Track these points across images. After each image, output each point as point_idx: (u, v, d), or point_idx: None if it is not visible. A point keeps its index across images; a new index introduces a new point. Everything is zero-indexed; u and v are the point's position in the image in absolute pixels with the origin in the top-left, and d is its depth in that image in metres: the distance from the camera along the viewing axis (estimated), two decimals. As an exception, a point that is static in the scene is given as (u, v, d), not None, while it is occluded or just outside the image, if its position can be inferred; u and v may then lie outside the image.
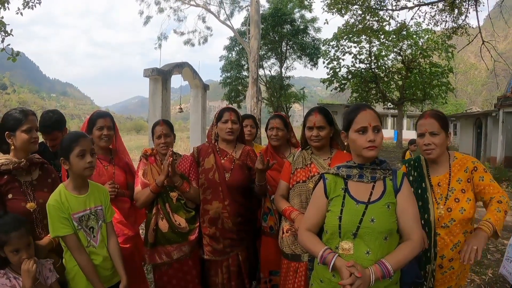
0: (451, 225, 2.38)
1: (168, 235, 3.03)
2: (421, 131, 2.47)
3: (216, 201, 3.07)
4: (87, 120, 3.08)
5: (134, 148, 21.80)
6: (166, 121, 3.27)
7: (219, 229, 3.05)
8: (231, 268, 3.11)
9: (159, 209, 3.07)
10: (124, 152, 3.33)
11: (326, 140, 2.79)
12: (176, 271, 3.08)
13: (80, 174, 2.39)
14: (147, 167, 3.16)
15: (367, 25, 15.02)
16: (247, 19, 22.62)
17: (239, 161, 3.14)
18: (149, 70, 10.05)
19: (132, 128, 62.32)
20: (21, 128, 2.38)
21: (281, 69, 30.00)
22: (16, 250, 2.13)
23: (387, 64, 25.05)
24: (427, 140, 2.42)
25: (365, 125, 1.98)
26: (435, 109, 2.72)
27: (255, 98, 16.74)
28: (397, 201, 1.98)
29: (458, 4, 12.10)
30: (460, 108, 43.29)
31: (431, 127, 2.42)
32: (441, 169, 2.51)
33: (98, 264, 2.41)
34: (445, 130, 2.44)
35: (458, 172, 2.46)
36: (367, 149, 1.98)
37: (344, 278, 1.78)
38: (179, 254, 3.05)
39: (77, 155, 2.34)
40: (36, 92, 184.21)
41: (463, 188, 2.41)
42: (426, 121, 2.45)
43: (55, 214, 2.27)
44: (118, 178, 3.07)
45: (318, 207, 2.12)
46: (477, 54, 12.48)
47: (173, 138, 3.24)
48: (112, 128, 3.08)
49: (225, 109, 3.20)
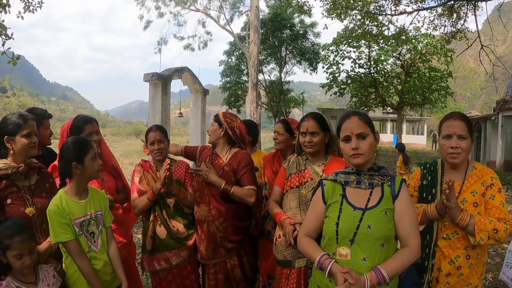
0: (453, 238, 2.24)
1: (167, 241, 3.03)
2: (448, 132, 2.28)
3: (203, 204, 3.07)
4: (69, 126, 2.98)
5: (134, 152, 21.78)
6: (160, 127, 3.22)
7: (205, 232, 3.04)
8: (218, 275, 3.07)
9: (156, 216, 3.06)
10: (110, 155, 3.28)
11: (320, 146, 2.79)
12: (175, 276, 3.07)
13: (93, 176, 2.47)
14: (142, 174, 3.15)
15: (366, 30, 15.08)
16: (247, 24, 22.65)
17: (227, 167, 3.11)
18: (149, 75, 10.05)
19: (131, 132, 62.27)
20: (21, 133, 2.37)
21: (281, 74, 29.99)
22: (19, 255, 2.13)
23: (386, 69, 25.04)
24: (455, 143, 2.23)
25: (348, 133, 2.03)
26: (460, 112, 2.55)
27: (255, 103, 16.74)
28: (395, 207, 1.98)
29: (457, 8, 12.15)
30: (459, 112, 43.25)
31: (460, 129, 2.24)
32: (457, 177, 2.33)
33: (99, 269, 2.42)
34: (471, 135, 2.28)
35: (475, 183, 2.28)
36: (352, 157, 2.02)
37: (338, 284, 1.79)
38: (178, 259, 3.04)
39: (91, 158, 2.39)
40: (36, 96, 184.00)
41: (475, 202, 2.24)
42: (455, 122, 2.27)
43: (56, 220, 2.28)
44: (107, 184, 3.02)
45: (316, 213, 2.14)
46: (476, 58, 12.52)
47: (167, 144, 3.20)
48: (99, 132, 3.05)
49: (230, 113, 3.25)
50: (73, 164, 2.34)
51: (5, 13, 8.02)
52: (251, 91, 16.98)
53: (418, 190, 2.48)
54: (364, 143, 2.00)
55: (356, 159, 2.01)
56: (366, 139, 2.01)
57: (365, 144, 2.00)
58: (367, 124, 2.04)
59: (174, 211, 3.08)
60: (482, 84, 53.69)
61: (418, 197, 2.47)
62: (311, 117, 2.80)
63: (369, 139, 2.02)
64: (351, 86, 24.95)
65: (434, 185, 2.39)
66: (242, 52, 24.71)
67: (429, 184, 2.42)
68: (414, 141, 38.26)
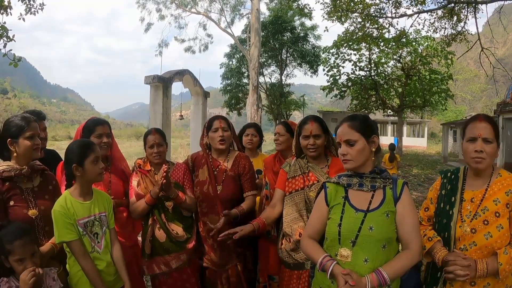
0: (470, 249, 2.04)
1: (166, 245, 3.01)
2: (472, 135, 2.09)
3: (212, 214, 3.05)
4: (82, 127, 3.01)
5: (134, 154, 21.71)
6: (159, 130, 3.19)
7: (216, 241, 2.97)
8: (231, 279, 3.09)
9: (155, 219, 3.04)
10: (121, 159, 3.27)
11: (322, 148, 2.81)
12: (175, 280, 3.06)
13: (94, 179, 2.47)
14: (140, 178, 3.12)
15: (367, 32, 15.05)
16: (248, 27, 22.70)
17: (231, 172, 3.10)
18: (150, 77, 10.08)
19: (132, 135, 62.07)
20: (24, 135, 2.38)
21: (281, 76, 30.04)
22: (21, 259, 2.12)
23: (386, 71, 25.04)
24: (480, 146, 2.05)
25: (338, 140, 2.12)
26: (486, 114, 2.34)
27: (255, 105, 16.78)
28: (397, 209, 2.00)
29: (457, 11, 12.15)
30: (460, 114, 43.33)
31: (486, 132, 2.06)
32: (480, 184, 2.16)
33: (102, 270, 2.43)
34: (497, 139, 2.10)
35: (498, 192, 2.08)
36: (342, 162, 2.12)
37: (339, 285, 1.80)
38: (177, 263, 3.02)
39: (92, 161, 2.40)
40: (37, 98, 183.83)
41: (497, 211, 2.03)
42: (481, 124, 2.09)
43: (61, 220, 2.30)
44: (114, 186, 3.03)
45: (319, 215, 2.16)
46: (476, 60, 12.54)
47: (165, 147, 3.17)
48: (110, 135, 3.04)
49: (214, 117, 3.17)
50: (73, 166, 2.37)
51: (7, 15, 8.03)
52: (251, 94, 17.03)
53: (436, 201, 2.30)
54: (352, 150, 2.05)
55: (345, 164, 2.10)
56: (355, 145, 2.05)
57: (352, 150, 2.05)
58: (356, 130, 2.07)
59: (172, 215, 3.05)
60: (482, 87, 53.67)
61: (436, 208, 2.29)
62: (314, 120, 2.81)
63: (358, 145, 2.05)
64: (351, 88, 24.95)
65: (454, 193, 2.21)
66: (242, 55, 24.77)
67: (447, 194, 2.24)
68: (415, 143, 38.26)
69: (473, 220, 2.07)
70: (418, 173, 17.29)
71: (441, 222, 2.21)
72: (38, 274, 2.11)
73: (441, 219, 2.23)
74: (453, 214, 2.14)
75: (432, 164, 22.13)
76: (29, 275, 2.06)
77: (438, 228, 2.24)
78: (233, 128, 3.22)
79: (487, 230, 2.02)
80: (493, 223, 2.02)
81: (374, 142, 2.11)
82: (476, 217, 2.06)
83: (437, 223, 2.26)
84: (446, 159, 24.79)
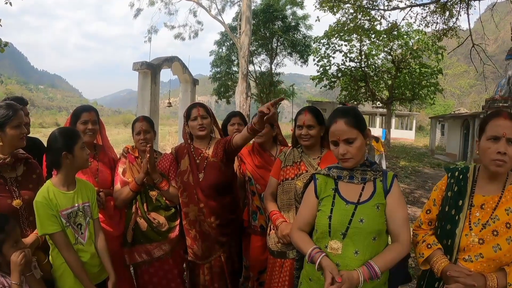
0: (475, 261, 1.84)
1: (148, 234, 3.00)
2: (496, 133, 1.82)
3: (192, 204, 3.02)
4: (71, 115, 2.99)
5: (122, 142, 21.58)
6: (146, 118, 3.21)
7: (198, 232, 3.00)
8: (214, 270, 3.07)
9: (137, 207, 3.03)
10: (110, 148, 3.26)
11: (315, 139, 2.79)
12: (157, 270, 3.05)
13: (82, 166, 2.44)
14: (126, 165, 3.11)
15: (359, 24, 15.04)
16: (239, 15, 22.52)
17: (213, 158, 3.06)
18: (139, 64, 9.96)
19: (120, 122, 61.42)
20: (11, 124, 2.30)
21: (271, 65, 29.94)
22: (16, 241, 2.08)
23: (377, 63, 25.13)
24: (503, 147, 1.78)
25: (335, 139, 2.02)
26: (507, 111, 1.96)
27: (245, 94, 16.71)
28: (387, 202, 1.99)
29: (449, 6, 12.16)
30: (448, 109, 43.79)
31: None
32: (493, 189, 1.92)
33: (86, 261, 2.38)
34: None
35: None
36: (341, 161, 2.04)
37: (326, 282, 1.79)
38: (159, 252, 3.02)
39: (81, 147, 2.36)
40: (24, 84, 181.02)
41: (509, 222, 1.82)
42: (506, 122, 1.81)
43: (43, 211, 2.23)
44: (102, 175, 3.00)
45: (309, 207, 2.14)
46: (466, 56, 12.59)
47: (153, 135, 3.17)
48: (97, 122, 3.00)
49: (192, 105, 3.14)
50: (63, 154, 2.29)
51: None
52: (241, 82, 16.96)
53: (440, 203, 2.10)
54: (352, 148, 1.98)
55: (345, 163, 2.02)
56: (354, 143, 1.99)
57: (353, 148, 1.98)
58: (354, 126, 1.99)
59: (156, 204, 3.05)
60: (471, 82, 54.12)
61: (439, 211, 2.09)
62: (308, 111, 2.80)
63: (357, 142, 1.99)
64: (341, 79, 25.02)
65: (462, 197, 1.98)
66: (233, 43, 24.57)
67: (454, 196, 2.02)
68: (403, 136, 38.63)
69: (482, 229, 1.86)
70: (405, 165, 17.44)
71: (445, 228, 2.01)
72: (28, 255, 2.08)
73: (444, 224, 2.02)
74: (459, 220, 1.93)
75: (419, 157, 22.36)
76: (20, 256, 2.03)
77: (440, 233, 2.05)
78: (213, 115, 3.17)
79: (496, 241, 1.81)
80: (503, 235, 1.81)
81: (368, 135, 2.08)
82: (485, 227, 1.85)
83: (440, 228, 2.06)
84: (433, 152, 25.06)
